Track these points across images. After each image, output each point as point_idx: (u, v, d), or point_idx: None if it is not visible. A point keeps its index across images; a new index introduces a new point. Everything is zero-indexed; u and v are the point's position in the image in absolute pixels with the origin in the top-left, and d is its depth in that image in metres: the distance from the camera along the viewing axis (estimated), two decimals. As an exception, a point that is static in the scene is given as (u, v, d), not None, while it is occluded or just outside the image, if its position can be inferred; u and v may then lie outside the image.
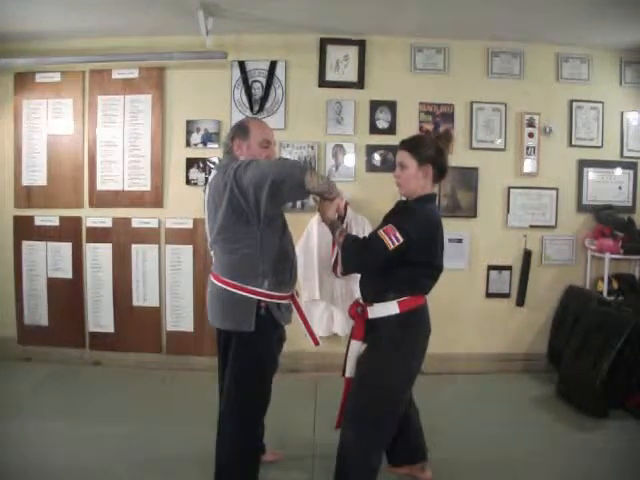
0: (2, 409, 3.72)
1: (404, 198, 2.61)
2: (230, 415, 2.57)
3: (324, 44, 4.47)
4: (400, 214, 2.47)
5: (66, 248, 4.66)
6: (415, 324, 2.52)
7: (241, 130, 2.60)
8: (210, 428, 2.70)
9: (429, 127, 4.49)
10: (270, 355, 2.59)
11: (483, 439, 3.41)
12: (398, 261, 2.35)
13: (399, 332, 2.46)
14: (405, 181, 2.49)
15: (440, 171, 2.52)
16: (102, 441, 3.29)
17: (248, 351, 2.50)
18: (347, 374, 2.60)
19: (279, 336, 2.67)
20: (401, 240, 2.29)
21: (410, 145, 2.49)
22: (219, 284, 2.55)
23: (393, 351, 2.46)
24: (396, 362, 2.47)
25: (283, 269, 2.55)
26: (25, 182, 4.66)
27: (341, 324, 4.31)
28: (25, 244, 4.69)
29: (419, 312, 2.53)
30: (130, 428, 3.47)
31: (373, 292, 2.51)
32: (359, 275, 2.64)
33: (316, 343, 2.80)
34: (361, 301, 2.59)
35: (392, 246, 2.29)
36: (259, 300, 2.47)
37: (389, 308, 2.45)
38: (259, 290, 2.47)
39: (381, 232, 2.32)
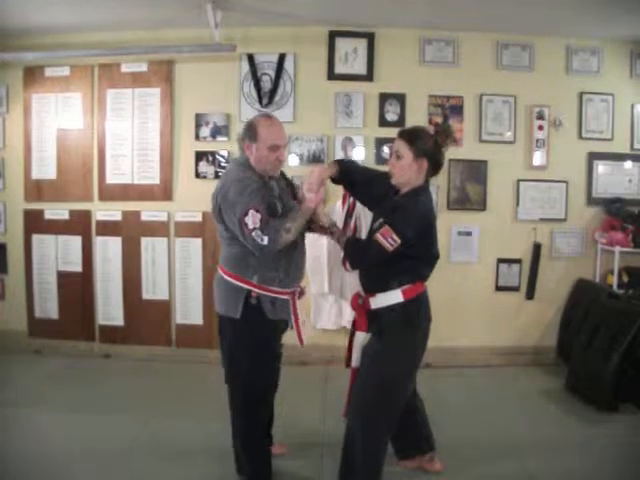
0: (13, 402, 3.75)
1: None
2: (230, 402, 2.72)
3: (333, 37, 4.46)
4: (396, 212, 2.42)
5: (76, 241, 4.68)
6: (418, 311, 2.54)
7: (250, 131, 2.56)
8: (219, 419, 2.73)
9: (439, 119, 4.48)
10: (256, 344, 2.59)
11: (492, 432, 3.41)
12: (399, 255, 2.39)
13: (404, 319, 2.49)
14: (399, 171, 2.48)
15: (435, 167, 2.51)
16: (112, 433, 3.32)
17: (234, 337, 2.62)
18: (353, 364, 2.63)
19: (273, 328, 2.65)
20: (398, 242, 2.33)
21: (409, 136, 2.47)
22: (220, 272, 2.67)
23: (399, 338, 2.50)
24: (403, 349, 2.51)
25: (276, 266, 2.56)
26: (35, 176, 4.68)
27: (350, 317, 4.30)
28: (35, 237, 4.72)
29: (421, 299, 2.55)
30: (140, 420, 3.50)
31: (375, 283, 2.53)
32: None
33: (301, 344, 2.74)
34: (361, 293, 2.62)
35: (391, 248, 2.33)
36: (250, 290, 2.54)
37: (393, 297, 2.47)
38: (250, 281, 2.55)
39: (379, 236, 2.34)
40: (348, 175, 2.67)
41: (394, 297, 2.47)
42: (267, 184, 2.58)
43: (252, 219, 2.37)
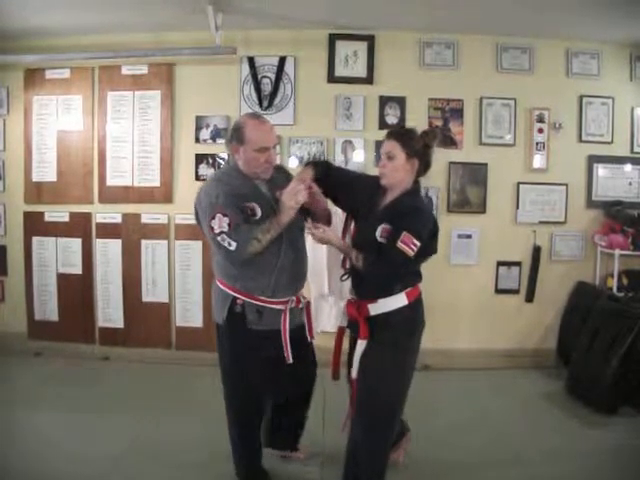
0: (11, 403, 3.74)
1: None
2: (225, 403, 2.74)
3: (333, 40, 4.47)
4: (407, 216, 2.39)
5: (76, 244, 4.68)
6: (419, 311, 2.57)
7: (237, 133, 2.49)
8: (218, 422, 2.76)
9: (439, 122, 4.49)
10: (238, 352, 2.58)
11: (492, 436, 3.40)
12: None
13: (407, 322, 2.50)
14: (391, 172, 2.46)
15: (425, 166, 2.52)
16: (110, 435, 3.32)
17: (221, 343, 2.64)
18: (353, 375, 2.56)
19: (260, 338, 2.53)
20: (418, 245, 2.32)
21: (400, 137, 2.47)
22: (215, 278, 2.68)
23: (402, 341, 2.50)
24: (405, 351, 2.52)
25: (258, 275, 2.51)
26: (35, 178, 4.69)
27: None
28: (35, 240, 4.72)
29: (419, 301, 2.57)
30: (139, 422, 3.49)
31: (379, 288, 2.48)
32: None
33: (287, 358, 2.61)
34: (355, 299, 2.59)
35: (412, 253, 2.31)
36: (235, 297, 2.51)
37: (398, 300, 2.46)
38: (234, 288, 2.53)
39: (401, 245, 2.30)
40: (326, 178, 2.61)
41: (398, 301, 2.46)
42: (256, 187, 2.54)
43: (218, 223, 2.37)
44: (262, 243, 2.37)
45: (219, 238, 2.36)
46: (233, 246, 2.35)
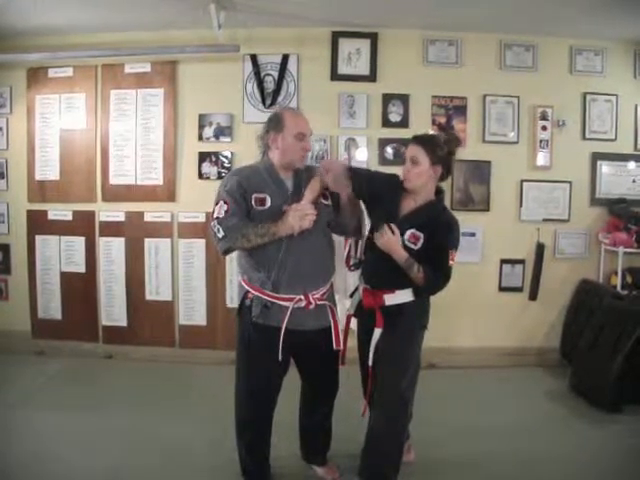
0: (15, 402, 3.75)
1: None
2: None
3: (336, 37, 4.45)
4: (450, 233, 2.55)
5: (79, 242, 4.68)
6: (429, 303, 2.71)
7: (275, 122, 2.55)
8: (223, 420, 2.74)
9: (442, 120, 4.48)
10: (244, 342, 2.60)
11: (497, 434, 3.39)
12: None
13: (423, 312, 2.68)
14: (415, 177, 2.52)
15: (447, 173, 2.59)
16: (114, 434, 3.32)
17: (236, 330, 2.68)
18: (370, 362, 2.64)
19: (266, 334, 2.52)
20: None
21: (426, 143, 2.51)
22: None
23: (420, 330, 2.66)
24: (421, 338, 2.68)
25: (259, 267, 2.51)
26: (38, 177, 4.69)
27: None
28: (39, 238, 4.72)
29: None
30: (143, 421, 3.49)
31: (397, 280, 2.55)
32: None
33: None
34: (369, 288, 2.66)
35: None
36: (247, 291, 2.56)
37: (412, 293, 2.59)
38: (245, 280, 2.59)
39: (452, 262, 2.52)
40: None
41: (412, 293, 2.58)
42: (280, 181, 2.55)
43: (218, 209, 2.47)
44: (252, 244, 2.43)
45: (212, 223, 2.47)
46: (220, 234, 2.44)
